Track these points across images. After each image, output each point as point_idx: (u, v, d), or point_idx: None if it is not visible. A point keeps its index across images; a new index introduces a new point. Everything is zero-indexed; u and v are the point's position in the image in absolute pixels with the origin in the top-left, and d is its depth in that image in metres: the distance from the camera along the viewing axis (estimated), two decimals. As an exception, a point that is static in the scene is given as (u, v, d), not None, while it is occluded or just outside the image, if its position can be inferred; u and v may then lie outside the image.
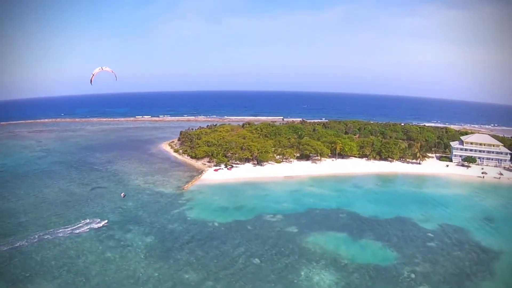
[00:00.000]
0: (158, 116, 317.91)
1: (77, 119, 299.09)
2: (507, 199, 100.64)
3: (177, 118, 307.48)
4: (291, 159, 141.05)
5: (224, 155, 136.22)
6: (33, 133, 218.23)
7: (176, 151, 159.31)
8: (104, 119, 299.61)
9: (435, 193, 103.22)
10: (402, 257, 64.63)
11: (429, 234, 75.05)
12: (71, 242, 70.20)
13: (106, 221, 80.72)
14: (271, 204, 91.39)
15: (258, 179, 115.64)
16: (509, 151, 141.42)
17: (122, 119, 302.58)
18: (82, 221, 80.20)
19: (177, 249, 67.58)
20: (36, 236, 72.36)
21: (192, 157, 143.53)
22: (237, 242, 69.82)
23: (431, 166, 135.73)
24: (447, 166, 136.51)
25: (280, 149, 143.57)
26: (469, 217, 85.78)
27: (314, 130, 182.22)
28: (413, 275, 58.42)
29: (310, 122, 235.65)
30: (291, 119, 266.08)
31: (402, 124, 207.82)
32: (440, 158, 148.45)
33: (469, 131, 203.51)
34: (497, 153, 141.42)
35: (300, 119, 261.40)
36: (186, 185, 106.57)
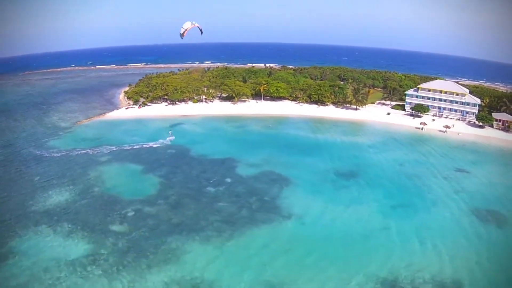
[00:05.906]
0: (167, 64, 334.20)
1: (91, 67, 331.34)
2: (422, 156, 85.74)
3: (180, 65, 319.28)
4: (212, 100, 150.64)
5: (148, 95, 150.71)
6: (39, 80, 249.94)
7: (125, 93, 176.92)
8: (116, 67, 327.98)
9: (325, 140, 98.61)
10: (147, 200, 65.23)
11: (227, 180, 72.42)
12: None
13: None
14: (125, 137, 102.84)
15: (154, 116, 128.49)
16: (478, 102, 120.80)
17: (131, 65, 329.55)
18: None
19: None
20: None
21: (127, 98, 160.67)
22: (33, 166, 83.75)
23: (370, 112, 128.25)
24: (388, 114, 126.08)
25: (203, 89, 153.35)
26: (329, 168, 76.48)
27: (270, 74, 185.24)
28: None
29: (289, 67, 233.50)
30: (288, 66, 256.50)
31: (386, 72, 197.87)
32: (393, 107, 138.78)
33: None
34: (462, 103, 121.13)
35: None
36: (81, 121, 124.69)
